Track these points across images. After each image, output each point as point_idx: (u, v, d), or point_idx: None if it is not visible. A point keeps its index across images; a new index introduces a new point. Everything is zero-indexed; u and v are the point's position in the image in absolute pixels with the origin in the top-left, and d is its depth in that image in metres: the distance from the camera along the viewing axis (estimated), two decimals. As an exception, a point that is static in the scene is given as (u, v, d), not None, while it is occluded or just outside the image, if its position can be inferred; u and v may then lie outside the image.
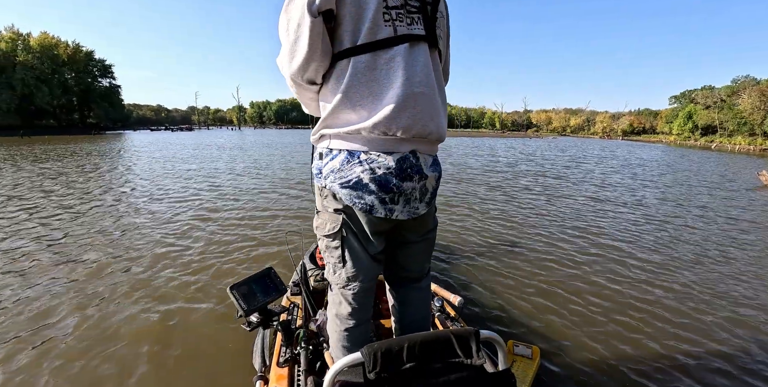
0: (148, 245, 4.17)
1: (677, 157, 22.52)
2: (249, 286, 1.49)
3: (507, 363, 1.02)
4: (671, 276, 3.58)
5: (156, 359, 2.22)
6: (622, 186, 9.37)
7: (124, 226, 4.97)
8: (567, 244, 4.50)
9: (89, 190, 7.53)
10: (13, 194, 6.90)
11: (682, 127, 56.71)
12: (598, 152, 23.93)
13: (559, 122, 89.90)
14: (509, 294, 3.13)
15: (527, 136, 62.97)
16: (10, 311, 2.74)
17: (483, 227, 5.20)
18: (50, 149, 18.75)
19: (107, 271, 3.43)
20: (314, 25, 1.01)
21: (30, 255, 3.82)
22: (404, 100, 1.07)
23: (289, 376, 1.48)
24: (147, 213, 5.72)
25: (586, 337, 2.50)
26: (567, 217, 5.91)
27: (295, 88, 1.21)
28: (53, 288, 3.10)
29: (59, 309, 2.78)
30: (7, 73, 45.76)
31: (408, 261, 1.41)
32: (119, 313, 2.73)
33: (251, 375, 1.70)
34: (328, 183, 1.18)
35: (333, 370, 0.89)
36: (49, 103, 50.40)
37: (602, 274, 3.58)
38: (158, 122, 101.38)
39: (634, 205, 7.00)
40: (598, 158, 18.80)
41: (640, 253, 4.20)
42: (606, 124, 78.19)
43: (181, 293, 3.04)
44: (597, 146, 33.45)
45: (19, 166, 11.23)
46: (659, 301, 3.06)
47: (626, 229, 5.23)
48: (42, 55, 49.21)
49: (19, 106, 46.76)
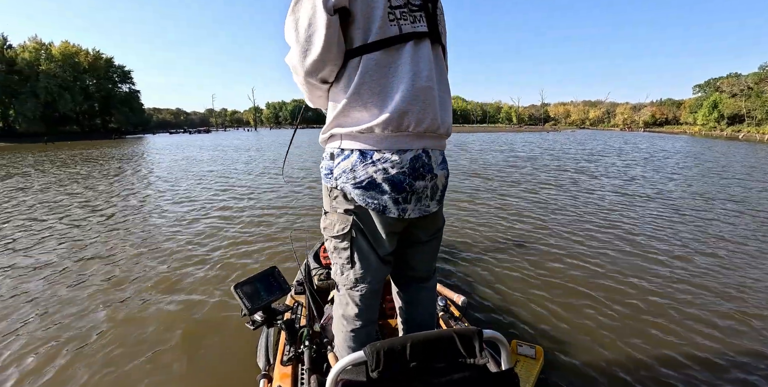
0: (166, 243, 4.30)
1: (703, 148, 21.73)
2: (253, 285, 1.50)
3: (510, 363, 1.02)
4: (698, 278, 3.35)
5: (159, 358, 2.23)
6: (646, 179, 9.00)
7: (146, 225, 5.14)
8: (580, 242, 4.30)
9: (114, 193, 7.69)
10: (43, 198, 7.06)
11: (707, 117, 54.94)
12: (619, 145, 23.28)
13: (578, 115, 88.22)
14: (514, 294, 3.05)
15: (544, 130, 61.82)
16: (45, 298, 3.00)
17: (490, 223, 5.07)
18: (74, 155, 19.19)
19: (120, 270, 3.48)
20: (330, 23, 1.01)
21: (60, 253, 3.96)
22: (413, 95, 1.09)
23: (293, 375, 1.49)
24: (167, 213, 5.85)
25: (591, 339, 2.44)
26: (585, 213, 5.65)
27: (307, 86, 1.20)
28: (83, 281, 3.30)
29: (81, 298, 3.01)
30: (31, 81, 47.40)
31: (417, 261, 1.41)
32: (122, 310, 2.78)
33: (255, 373, 1.71)
34: (340, 183, 1.18)
35: (336, 368, 0.89)
36: (72, 110, 51.79)
37: (618, 275, 3.42)
38: (177, 125, 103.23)
39: (659, 199, 6.67)
40: (620, 151, 18.23)
41: (663, 254, 3.92)
42: (627, 115, 76.39)
43: (185, 292, 3.05)
44: (618, 139, 32.57)
45: (45, 171, 11.50)
46: (677, 302, 2.91)
47: (651, 225, 4.93)
48: (64, 63, 50.60)
49: (43, 114, 48.28)
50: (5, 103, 46.88)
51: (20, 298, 3.01)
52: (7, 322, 2.65)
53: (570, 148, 19.91)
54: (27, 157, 18.00)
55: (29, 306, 2.88)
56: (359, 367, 0.90)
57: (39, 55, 49.99)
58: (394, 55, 1.09)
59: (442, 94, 1.20)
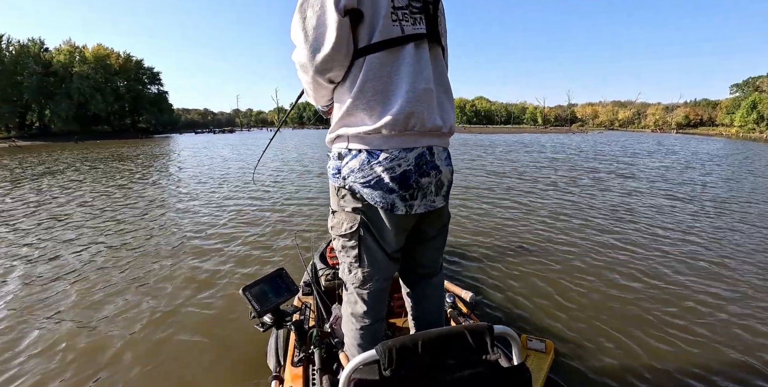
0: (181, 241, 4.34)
1: (745, 151, 20.54)
2: (261, 287, 1.52)
3: (521, 357, 1.02)
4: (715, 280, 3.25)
5: (171, 361, 2.24)
6: (686, 183, 8.42)
7: (165, 222, 5.40)
8: (598, 240, 4.19)
9: (142, 192, 7.86)
10: (78, 197, 7.20)
11: (745, 118, 52.27)
12: (653, 147, 22.20)
13: (606, 115, 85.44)
14: (522, 290, 3.06)
15: (570, 131, 60.24)
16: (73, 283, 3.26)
17: (501, 221, 4.96)
18: (105, 153, 19.75)
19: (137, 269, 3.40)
20: (342, 24, 1.03)
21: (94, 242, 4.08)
22: (417, 96, 1.12)
23: (304, 376, 1.50)
24: (189, 211, 6.04)
25: (601, 333, 2.44)
26: (614, 213, 5.33)
27: (313, 85, 1.20)
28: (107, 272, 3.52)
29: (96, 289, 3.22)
30: (65, 83, 49.44)
31: (424, 257, 1.43)
32: (134, 309, 2.87)
33: (266, 375, 1.73)
34: (348, 182, 1.20)
35: (348, 368, 0.89)
36: (103, 110, 53.47)
37: (634, 276, 3.38)
38: (204, 125, 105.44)
39: (700, 201, 6.19)
40: (654, 153, 17.36)
41: (687, 257, 3.78)
42: (658, 116, 73.56)
43: (195, 293, 3.11)
44: (650, 140, 31.26)
45: (78, 170, 11.77)
46: (692, 305, 2.86)
47: (676, 228, 4.52)
48: (96, 65, 52.39)
49: (76, 113, 50.22)
50: (41, 104, 48.84)
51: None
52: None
53: (604, 148, 19.11)
54: (62, 155, 18.49)
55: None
56: (371, 365, 0.89)
57: (73, 57, 51.91)
58: (396, 56, 1.11)
59: (441, 94, 1.22)
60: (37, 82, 47.01)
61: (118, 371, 2.15)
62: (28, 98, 47.18)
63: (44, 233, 4.81)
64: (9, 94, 45.48)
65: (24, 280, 3.37)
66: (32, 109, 49.48)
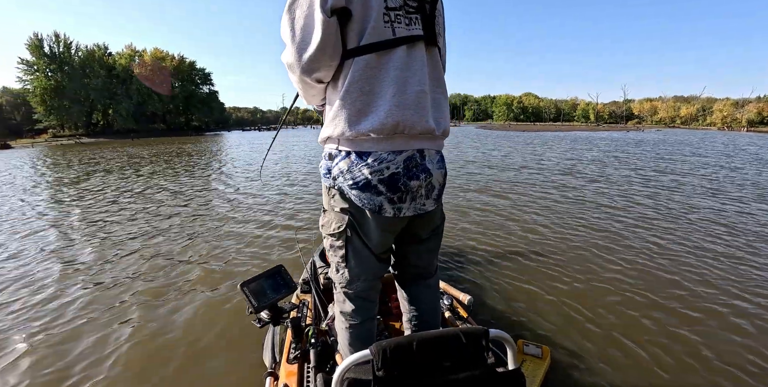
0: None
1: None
2: (259, 284, 1.51)
3: (517, 362, 1.01)
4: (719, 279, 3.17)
5: (165, 355, 2.24)
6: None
7: (213, 216, 5.58)
8: (599, 245, 4.05)
9: (190, 187, 8.22)
10: (140, 192, 7.64)
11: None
12: (725, 149, 20.14)
13: (667, 112, 79.44)
14: (521, 294, 2.99)
15: (625, 129, 56.36)
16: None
17: (504, 225, 4.87)
18: (161, 150, 20.89)
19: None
20: (328, 24, 1.01)
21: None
22: (405, 100, 1.10)
23: (299, 373, 1.49)
24: (234, 205, 6.26)
25: (598, 339, 2.38)
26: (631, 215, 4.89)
27: (302, 85, 1.19)
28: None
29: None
30: (126, 84, 53.44)
31: (418, 258, 1.42)
32: (134, 306, 2.85)
33: (261, 371, 1.72)
34: (338, 183, 1.20)
35: (342, 367, 0.89)
36: (159, 109, 57.22)
37: (631, 276, 3.31)
38: (253, 123, 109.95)
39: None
40: (727, 154, 15.63)
41: (706, 262, 3.56)
42: (727, 112, 67.47)
43: (191, 289, 3.10)
44: (720, 139, 28.25)
45: (137, 168, 12.28)
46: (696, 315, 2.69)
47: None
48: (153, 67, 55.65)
49: (135, 112, 54.04)
50: (105, 104, 52.72)
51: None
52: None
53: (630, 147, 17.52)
54: (123, 154, 19.55)
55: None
56: (365, 365, 0.89)
57: (133, 60, 55.67)
58: (386, 58, 1.09)
59: (435, 96, 1.21)
60: (102, 84, 51.06)
61: (103, 365, 2.16)
62: (94, 99, 51.16)
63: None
64: (78, 95, 49.68)
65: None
66: (97, 109, 53.51)
